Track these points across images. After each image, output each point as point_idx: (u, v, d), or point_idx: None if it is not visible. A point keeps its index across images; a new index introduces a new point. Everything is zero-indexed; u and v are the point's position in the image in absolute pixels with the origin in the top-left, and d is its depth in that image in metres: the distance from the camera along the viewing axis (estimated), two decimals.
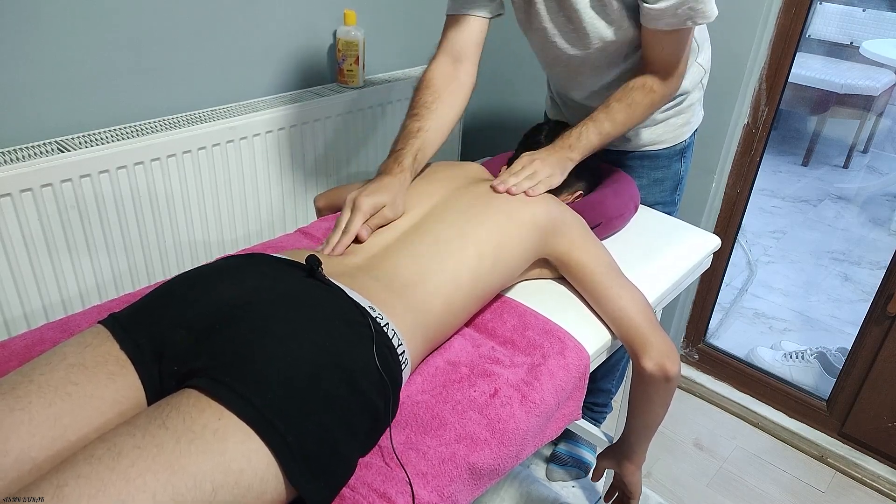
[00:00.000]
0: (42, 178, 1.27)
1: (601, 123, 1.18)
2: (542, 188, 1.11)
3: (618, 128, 1.19)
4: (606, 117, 1.18)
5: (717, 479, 1.77)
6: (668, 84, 1.18)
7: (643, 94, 1.18)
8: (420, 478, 0.78)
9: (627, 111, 1.18)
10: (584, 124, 1.18)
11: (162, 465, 0.62)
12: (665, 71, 1.17)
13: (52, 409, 0.69)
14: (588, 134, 1.18)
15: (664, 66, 1.17)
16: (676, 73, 1.18)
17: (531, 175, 1.11)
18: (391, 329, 0.84)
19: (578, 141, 1.18)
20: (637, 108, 1.18)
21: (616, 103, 1.18)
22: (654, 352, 1.01)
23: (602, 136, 1.18)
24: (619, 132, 1.20)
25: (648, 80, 1.18)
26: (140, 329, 0.78)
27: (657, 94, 1.18)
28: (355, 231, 1.00)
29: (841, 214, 3.33)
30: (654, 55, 1.16)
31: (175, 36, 1.48)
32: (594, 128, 1.18)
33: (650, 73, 1.18)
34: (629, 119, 1.19)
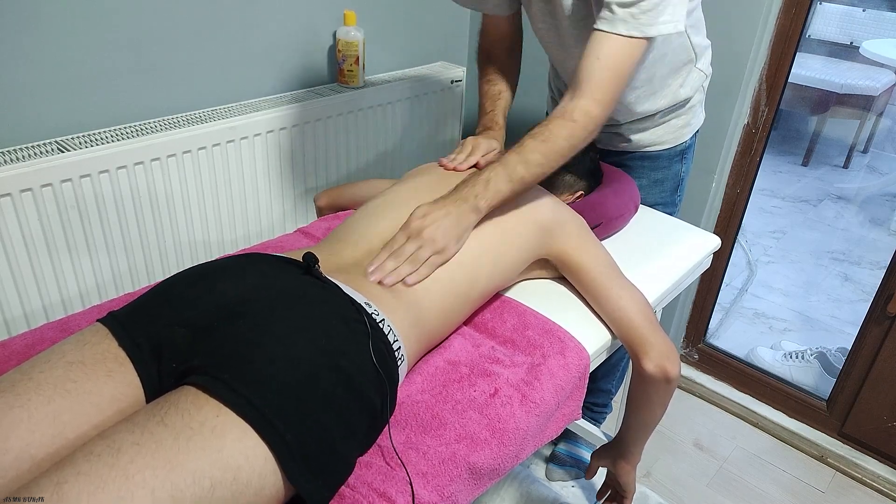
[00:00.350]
0: (42, 178, 1.27)
1: (513, 168, 1.00)
2: (425, 272, 0.93)
3: (532, 170, 1.01)
4: (519, 159, 1.00)
5: (717, 479, 1.77)
6: (589, 113, 1.02)
7: (561, 125, 1.01)
8: (420, 477, 0.78)
9: (543, 149, 1.01)
10: (493, 168, 1.00)
11: (161, 461, 0.62)
12: (591, 92, 1.01)
13: (51, 407, 0.70)
14: (497, 180, 0.99)
15: (591, 86, 1.02)
16: (605, 99, 1.02)
17: (416, 253, 0.94)
18: (387, 325, 0.84)
19: (486, 189, 0.99)
20: (554, 144, 1.01)
21: (530, 140, 1.01)
22: (655, 353, 1.01)
23: (514, 183, 1.00)
24: (536, 177, 1.02)
25: (570, 106, 1.02)
26: (139, 327, 0.79)
27: (577, 125, 1.01)
28: (476, 158, 1.14)
29: (841, 214, 3.33)
30: (585, 67, 1.02)
31: (175, 36, 1.48)
32: (503, 173, 0.99)
33: (576, 95, 1.03)
34: (546, 159, 1.01)
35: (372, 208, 1.06)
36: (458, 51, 2.16)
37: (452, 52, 2.14)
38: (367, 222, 1.03)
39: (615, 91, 1.03)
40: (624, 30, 1.00)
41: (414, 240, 0.94)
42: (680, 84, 1.31)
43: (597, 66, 1.02)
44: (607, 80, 1.02)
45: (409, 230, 0.96)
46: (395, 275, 0.92)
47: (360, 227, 1.02)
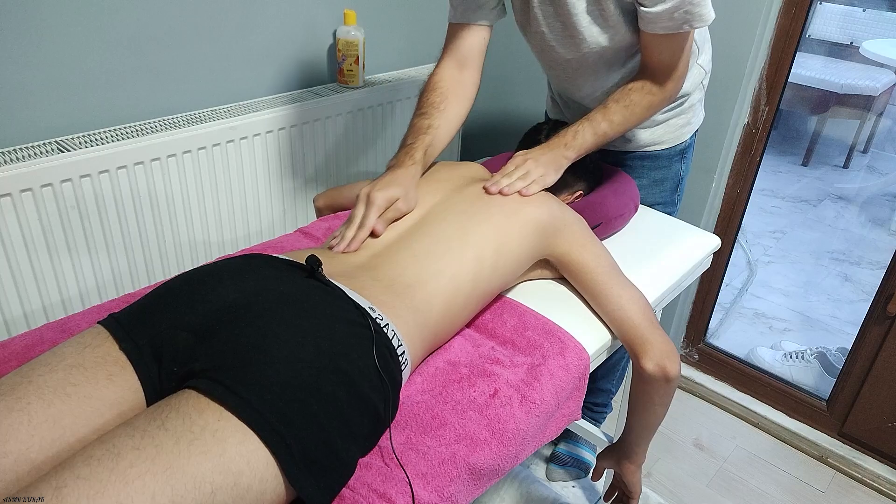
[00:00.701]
0: (42, 178, 1.27)
1: (598, 123, 1.16)
2: (535, 188, 1.09)
3: (615, 128, 1.18)
4: (603, 118, 1.17)
5: (717, 479, 1.77)
6: (666, 88, 1.17)
7: (641, 95, 1.17)
8: (420, 478, 0.78)
9: (625, 112, 1.17)
10: (580, 123, 1.17)
11: (161, 466, 0.62)
12: (664, 75, 1.16)
13: (51, 410, 0.69)
14: (584, 133, 1.16)
15: (663, 71, 1.16)
16: (675, 76, 1.16)
17: (524, 175, 1.10)
18: (391, 330, 0.84)
19: (574, 139, 1.16)
20: (635, 110, 1.17)
21: (614, 104, 1.17)
22: (655, 352, 1.01)
23: (598, 137, 1.17)
24: (617, 133, 1.19)
25: (647, 83, 1.17)
26: (140, 330, 0.78)
27: (656, 98, 1.17)
28: (370, 226, 1.00)
29: (841, 214, 3.33)
30: (652, 59, 1.16)
31: (175, 36, 1.48)
32: (590, 127, 1.16)
33: (649, 77, 1.17)
34: (626, 120, 1.18)
35: None
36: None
37: None
38: None
39: (684, 67, 1.17)
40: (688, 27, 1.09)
41: (521, 167, 1.11)
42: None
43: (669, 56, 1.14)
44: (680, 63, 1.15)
45: (515, 162, 1.13)
46: (511, 188, 1.07)
47: None
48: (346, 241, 0.98)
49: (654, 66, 1.16)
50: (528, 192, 1.07)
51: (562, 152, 1.16)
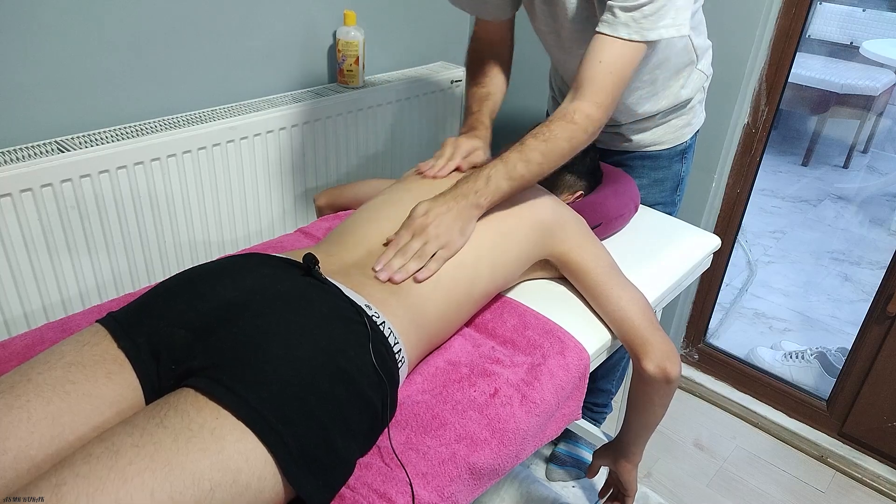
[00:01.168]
0: (42, 178, 1.27)
1: (513, 166, 1.01)
2: (434, 266, 0.94)
3: (532, 169, 1.02)
4: (520, 157, 1.02)
5: (717, 479, 1.77)
6: (590, 116, 1.03)
7: (562, 126, 1.03)
8: (420, 478, 0.78)
9: (544, 148, 1.02)
10: (494, 165, 1.02)
11: (160, 463, 0.62)
12: (592, 95, 1.03)
13: (50, 408, 0.70)
14: (497, 178, 1.00)
15: (592, 89, 1.03)
16: (605, 102, 1.03)
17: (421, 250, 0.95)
18: (387, 327, 0.84)
19: (487, 186, 1.00)
20: (555, 144, 1.02)
21: (531, 140, 1.03)
22: (655, 353, 1.01)
23: (514, 181, 1.01)
24: (535, 175, 1.04)
25: (571, 108, 1.04)
26: (138, 328, 0.78)
27: (578, 128, 1.02)
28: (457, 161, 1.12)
29: (841, 214, 3.33)
30: (586, 69, 1.04)
31: (175, 36, 1.48)
32: (504, 170, 1.01)
33: (577, 97, 1.04)
34: (546, 159, 1.02)
35: (372, 209, 1.06)
36: (458, 51, 2.16)
37: (452, 52, 2.14)
38: (367, 223, 1.03)
39: (615, 94, 1.05)
40: (626, 33, 1.01)
41: (419, 237, 0.95)
42: (681, 85, 1.31)
43: (598, 69, 1.03)
44: (608, 84, 1.03)
45: (412, 227, 0.96)
46: (404, 271, 0.92)
47: (360, 228, 1.02)
48: (437, 169, 1.11)
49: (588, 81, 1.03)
50: (422, 277, 0.93)
51: (472, 202, 0.99)
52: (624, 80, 1.04)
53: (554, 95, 1.51)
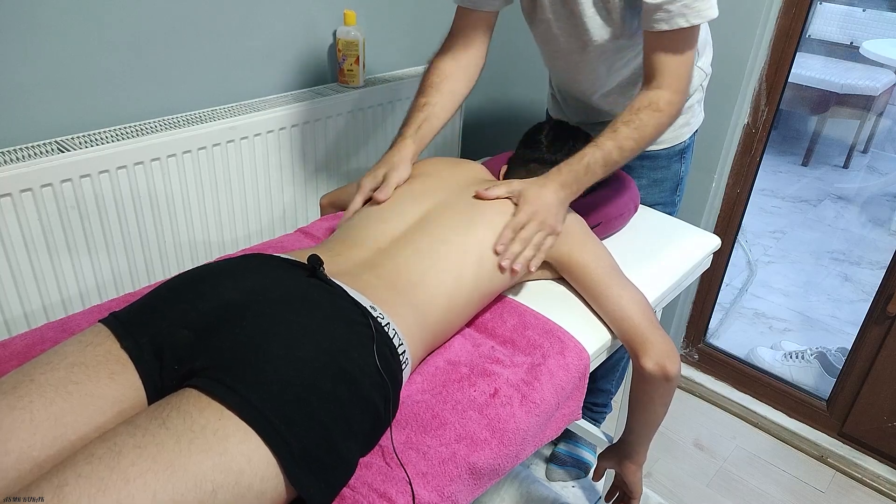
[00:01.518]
0: (42, 178, 1.27)
1: (608, 153, 1.09)
2: (542, 256, 1.04)
3: (625, 156, 1.10)
4: (614, 145, 1.09)
5: (717, 479, 1.77)
6: (672, 102, 1.11)
7: (650, 114, 1.10)
8: (420, 477, 0.78)
9: (636, 136, 1.09)
10: (590, 153, 1.08)
11: (162, 464, 0.62)
12: (669, 83, 1.10)
13: (53, 409, 0.69)
14: (595, 166, 1.08)
15: (668, 78, 1.10)
16: (682, 87, 1.11)
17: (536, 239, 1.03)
18: (392, 329, 0.84)
19: (586, 174, 1.08)
20: (645, 131, 1.10)
21: (624, 127, 1.09)
22: (655, 351, 1.01)
23: (608, 167, 1.10)
24: (626, 160, 1.12)
25: (654, 97, 1.11)
26: (141, 328, 0.78)
27: (664, 114, 1.10)
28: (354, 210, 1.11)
29: (841, 214, 3.33)
30: (656, 63, 1.11)
31: (175, 36, 1.48)
32: (601, 158, 1.08)
33: (654, 87, 1.11)
34: (637, 145, 1.10)
35: (376, 209, 1.06)
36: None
37: None
38: (371, 224, 1.03)
39: (689, 76, 1.13)
40: (685, 21, 1.05)
41: (534, 223, 1.03)
42: None
43: (669, 60, 1.09)
44: (682, 71, 1.11)
45: (527, 212, 1.03)
46: (522, 259, 1.01)
47: (364, 229, 1.02)
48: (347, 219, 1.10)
49: (659, 74, 1.11)
50: (534, 267, 1.03)
51: (574, 189, 1.08)
52: (692, 62, 1.12)
53: (553, 93, 1.51)
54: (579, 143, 1.22)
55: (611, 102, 1.33)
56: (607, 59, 1.22)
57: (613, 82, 1.27)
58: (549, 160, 1.21)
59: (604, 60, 1.23)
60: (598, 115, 1.38)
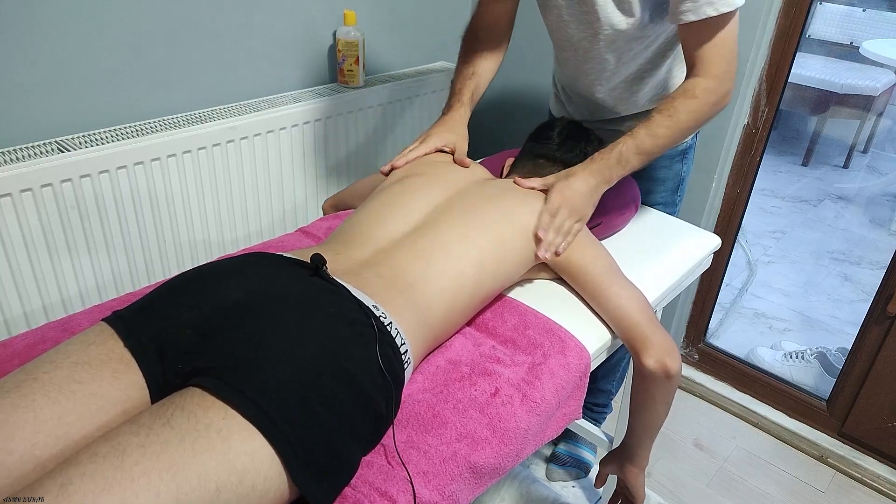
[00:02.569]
0: (42, 178, 1.27)
1: (642, 141, 1.09)
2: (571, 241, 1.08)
3: (658, 143, 1.10)
4: (647, 133, 1.09)
5: (717, 479, 1.77)
6: (710, 89, 1.09)
7: (684, 100, 1.09)
8: (421, 477, 0.78)
9: (669, 123, 1.09)
10: (623, 141, 1.10)
11: (166, 463, 0.62)
12: (706, 71, 1.09)
13: (56, 408, 0.69)
14: (628, 154, 1.09)
15: (704, 66, 1.09)
16: (719, 73, 1.09)
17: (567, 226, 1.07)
18: (394, 328, 0.84)
19: (619, 163, 1.10)
20: (679, 118, 1.09)
21: (657, 115, 1.10)
22: (655, 349, 1.00)
23: (642, 155, 1.10)
24: (661, 149, 1.11)
25: (689, 84, 1.10)
26: (144, 327, 0.78)
27: (699, 101, 1.09)
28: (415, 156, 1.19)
29: (841, 214, 3.33)
30: (691, 54, 1.10)
31: (175, 36, 1.48)
32: (634, 147, 1.09)
33: (693, 75, 1.11)
34: (671, 132, 1.09)
35: (377, 208, 1.06)
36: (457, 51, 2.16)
37: (452, 52, 2.13)
38: (373, 224, 1.02)
39: (729, 62, 1.10)
40: (712, 10, 1.04)
41: (565, 209, 1.06)
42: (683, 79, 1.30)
43: (704, 50, 1.08)
44: (717, 58, 1.09)
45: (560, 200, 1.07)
46: (552, 247, 1.06)
47: (366, 229, 1.02)
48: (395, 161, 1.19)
49: (695, 62, 1.10)
50: (563, 251, 1.07)
51: (606, 178, 1.11)
52: (731, 47, 1.09)
53: (558, 95, 1.51)
54: (591, 146, 1.22)
55: (615, 98, 1.32)
56: (617, 48, 1.21)
57: (621, 76, 1.27)
58: (559, 158, 1.21)
59: (613, 50, 1.22)
60: (602, 112, 1.38)
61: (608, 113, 1.37)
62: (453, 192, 1.09)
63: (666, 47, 1.24)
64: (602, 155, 1.11)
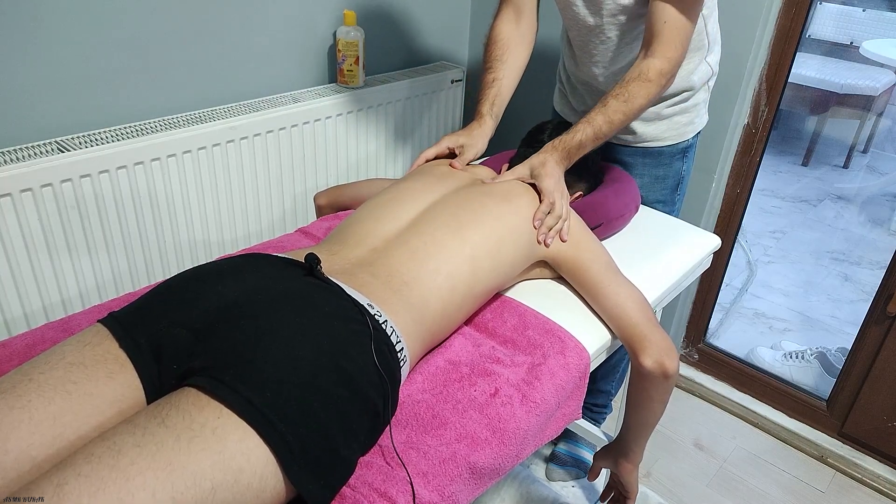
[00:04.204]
0: (42, 178, 1.27)
1: (598, 126, 1.16)
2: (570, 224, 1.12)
3: (614, 127, 1.17)
4: (604, 119, 1.15)
5: (717, 479, 1.77)
6: (664, 72, 1.14)
7: (638, 85, 1.14)
8: (421, 477, 0.78)
9: (625, 108, 1.15)
10: (582, 129, 1.16)
11: (161, 463, 0.62)
12: (662, 51, 1.13)
13: (51, 408, 0.70)
14: (587, 142, 1.16)
15: (662, 45, 1.13)
16: (674, 56, 1.14)
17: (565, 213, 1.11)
18: (389, 326, 0.84)
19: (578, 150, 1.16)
20: (635, 103, 1.15)
21: (613, 100, 1.16)
22: (653, 349, 1.01)
23: (599, 141, 1.17)
24: (617, 130, 1.18)
25: (644, 67, 1.15)
26: (139, 328, 0.78)
27: (654, 84, 1.15)
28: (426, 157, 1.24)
29: (841, 214, 3.33)
30: (653, 28, 1.13)
31: (175, 36, 1.48)
32: (592, 133, 1.16)
33: (648, 56, 1.15)
34: (626, 117, 1.16)
35: (374, 208, 1.06)
36: (458, 51, 2.16)
37: (452, 52, 2.14)
38: (371, 221, 1.03)
39: (682, 46, 1.15)
40: None
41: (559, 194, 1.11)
42: (690, 71, 1.31)
43: (663, 27, 1.12)
44: (674, 38, 1.13)
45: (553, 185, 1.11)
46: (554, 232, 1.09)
47: (362, 228, 1.02)
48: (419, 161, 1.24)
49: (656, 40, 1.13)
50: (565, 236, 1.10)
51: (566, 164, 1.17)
52: (688, 32, 1.14)
53: (562, 88, 1.51)
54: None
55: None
56: (619, 24, 1.23)
57: (625, 58, 1.28)
58: None
59: (617, 27, 1.24)
60: None
61: None
62: (448, 192, 1.10)
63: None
64: (563, 142, 1.16)
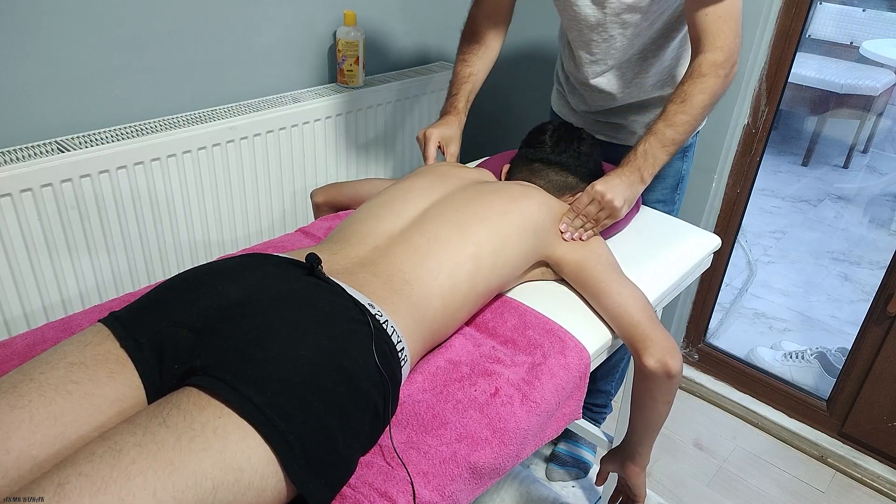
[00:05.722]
0: (42, 178, 1.27)
1: (663, 134, 1.12)
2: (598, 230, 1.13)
3: (681, 131, 1.12)
4: (665, 125, 1.12)
5: (717, 479, 1.77)
6: (717, 62, 1.09)
7: (693, 81, 1.11)
8: (421, 477, 0.78)
9: (685, 108, 1.11)
10: (644, 139, 1.13)
11: (162, 462, 0.62)
12: (711, 42, 1.09)
13: (52, 408, 0.69)
14: (654, 150, 1.13)
15: (709, 36, 1.09)
16: (726, 44, 1.09)
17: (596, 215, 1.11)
18: (390, 326, 0.84)
19: (646, 160, 1.13)
20: (693, 101, 1.11)
21: (671, 105, 1.12)
22: (656, 348, 1.00)
23: (668, 146, 1.13)
24: (687, 133, 1.13)
25: (695, 64, 1.11)
26: (141, 327, 0.78)
27: (709, 77, 1.10)
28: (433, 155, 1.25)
29: (841, 214, 3.33)
30: (696, 27, 1.10)
31: (175, 36, 1.48)
32: (656, 141, 1.12)
33: (697, 54, 1.11)
34: (690, 117, 1.11)
35: (376, 206, 1.06)
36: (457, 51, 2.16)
37: (452, 52, 2.13)
38: (369, 222, 1.03)
39: (733, 34, 1.10)
40: None
41: (597, 203, 1.11)
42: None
43: (707, 20, 1.09)
44: (722, 28, 1.09)
45: (593, 193, 1.11)
46: (579, 232, 1.11)
47: (362, 227, 1.02)
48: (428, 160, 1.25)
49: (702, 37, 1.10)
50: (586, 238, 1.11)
51: (638, 176, 1.14)
52: (734, 15, 1.10)
53: (560, 89, 1.51)
54: (584, 145, 1.22)
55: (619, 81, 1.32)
56: (622, 21, 1.22)
57: (626, 55, 1.27)
58: (554, 161, 1.21)
59: (619, 23, 1.22)
60: (602, 101, 1.38)
61: (609, 101, 1.36)
62: (450, 191, 1.09)
63: (670, 27, 1.24)
64: (629, 158, 1.14)
